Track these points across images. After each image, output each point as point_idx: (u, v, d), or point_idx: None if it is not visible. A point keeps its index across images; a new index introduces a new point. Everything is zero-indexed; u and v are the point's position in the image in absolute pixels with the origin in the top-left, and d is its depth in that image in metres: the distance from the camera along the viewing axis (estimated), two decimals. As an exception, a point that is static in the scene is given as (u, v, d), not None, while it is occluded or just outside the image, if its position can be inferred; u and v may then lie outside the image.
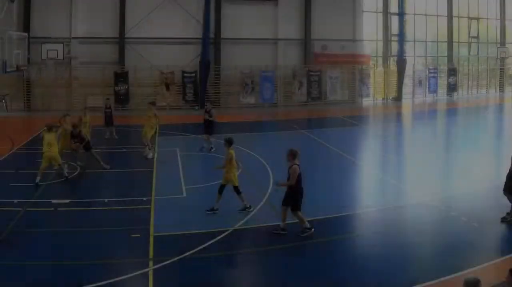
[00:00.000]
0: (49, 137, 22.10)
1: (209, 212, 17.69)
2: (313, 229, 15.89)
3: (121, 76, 47.32)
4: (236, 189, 17.98)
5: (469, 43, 61.81)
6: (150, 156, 26.34)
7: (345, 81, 53.58)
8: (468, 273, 12.42)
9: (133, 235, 15.80)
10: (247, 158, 25.09)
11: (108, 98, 35.77)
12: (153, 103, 28.85)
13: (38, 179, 21.46)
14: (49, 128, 22.51)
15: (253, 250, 15.35)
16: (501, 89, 64.42)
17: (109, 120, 32.49)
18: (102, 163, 24.61)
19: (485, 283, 9.05)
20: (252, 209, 17.91)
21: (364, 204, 19.79)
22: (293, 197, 15.96)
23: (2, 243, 15.10)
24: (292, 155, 16.18)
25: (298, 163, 16.07)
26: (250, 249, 15.54)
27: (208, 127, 28.55)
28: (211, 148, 28.04)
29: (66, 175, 22.61)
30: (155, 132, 28.78)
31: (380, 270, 13.54)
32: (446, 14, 59.66)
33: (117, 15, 47.61)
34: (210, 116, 27.97)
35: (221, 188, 17.92)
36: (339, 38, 53.15)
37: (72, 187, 21.81)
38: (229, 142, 18.36)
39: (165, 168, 24.69)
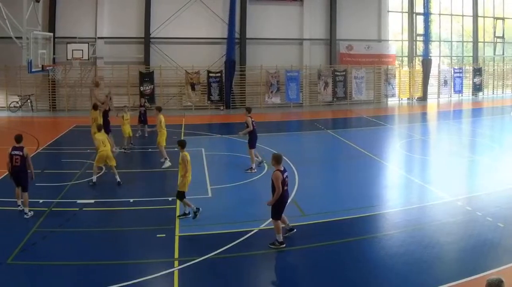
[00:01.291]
0: (101, 136, 21.59)
1: (181, 217, 17.04)
2: (284, 245, 14.94)
3: (146, 76, 46.01)
4: (180, 194, 16.99)
5: (495, 43, 59.37)
6: (166, 165, 24.56)
7: (371, 81, 51.89)
8: (492, 273, 12.21)
9: (158, 235, 15.55)
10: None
11: (142, 97, 35.07)
12: (158, 109, 26.72)
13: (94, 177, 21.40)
14: (99, 128, 22.42)
15: (277, 251, 14.74)
16: (526, 89, 61.65)
17: (143, 119, 31.47)
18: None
19: (509, 284, 8.84)
20: (194, 213, 16.96)
21: (390, 203, 19.13)
22: (277, 206, 14.83)
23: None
24: (275, 159, 15.03)
25: (281, 169, 14.83)
26: (275, 249, 14.82)
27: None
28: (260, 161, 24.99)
29: (118, 180, 21.49)
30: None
31: (405, 269, 13.29)
32: (471, 14, 57.48)
33: (143, 15, 46.36)
34: (247, 126, 24.36)
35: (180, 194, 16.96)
36: (364, 38, 51.69)
37: (97, 187, 21.06)
38: (181, 144, 17.29)
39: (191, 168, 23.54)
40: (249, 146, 23.97)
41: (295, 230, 15.78)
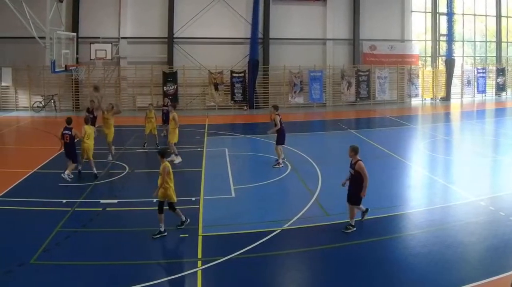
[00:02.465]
0: (89, 130, 22.03)
1: (157, 237, 15.17)
2: (355, 229, 15.54)
3: (169, 76, 44.73)
4: (172, 206, 15.54)
5: (518, 43, 57.03)
6: (177, 161, 23.99)
7: (394, 81, 50.22)
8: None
9: (181, 235, 15.26)
10: (296, 158, 24.67)
11: (166, 97, 34.03)
12: (173, 106, 26.11)
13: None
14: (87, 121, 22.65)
15: (301, 250, 14.50)
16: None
17: (166, 118, 30.04)
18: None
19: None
20: (188, 221, 16.02)
21: (413, 203, 18.60)
22: (358, 190, 15.42)
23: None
24: (353, 150, 15.73)
25: (360, 158, 15.52)
26: (298, 249, 14.61)
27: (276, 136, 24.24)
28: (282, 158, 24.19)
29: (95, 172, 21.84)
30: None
31: (429, 269, 12.92)
32: (495, 14, 55.56)
33: (166, 15, 45.15)
34: (275, 125, 23.70)
35: (161, 205, 15.33)
36: (387, 38, 50.14)
37: (120, 187, 20.71)
38: (161, 154, 15.82)
39: (214, 168, 23.56)
40: (276, 143, 23.58)
41: (369, 209, 16.26)
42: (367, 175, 15.19)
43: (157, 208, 15.37)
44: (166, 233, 15.33)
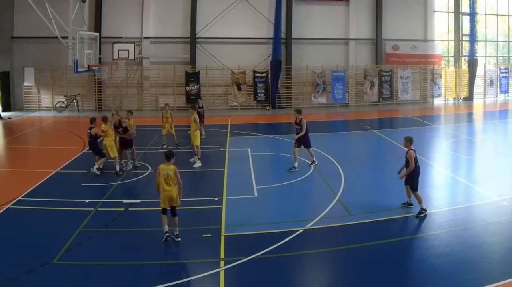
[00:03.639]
0: (106, 128, 21.78)
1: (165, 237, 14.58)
2: (427, 212, 16.16)
3: (192, 76, 43.53)
4: (174, 210, 14.62)
5: (541, 43, 55.19)
6: (197, 165, 23.11)
7: (417, 81, 48.59)
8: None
9: (204, 235, 14.92)
10: (318, 158, 23.65)
11: (200, 98, 33.12)
12: (193, 108, 24.51)
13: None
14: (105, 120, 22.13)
15: (323, 251, 14.17)
16: None
17: (200, 119, 28.77)
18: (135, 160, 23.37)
19: None
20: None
21: (436, 203, 17.87)
22: (412, 176, 16.40)
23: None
24: (409, 141, 16.61)
25: (413, 148, 16.54)
26: (321, 249, 14.26)
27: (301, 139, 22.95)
28: (313, 161, 23.22)
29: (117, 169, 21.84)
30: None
31: (451, 269, 12.59)
32: (517, 13, 53.35)
33: (189, 15, 43.93)
34: (302, 130, 22.45)
35: (164, 210, 14.55)
36: (410, 38, 48.37)
37: (143, 187, 20.22)
38: (168, 156, 14.88)
39: (237, 168, 23.06)
40: (306, 146, 22.69)
41: (413, 205, 16.82)
42: (413, 165, 16.22)
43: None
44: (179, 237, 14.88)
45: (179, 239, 14.43)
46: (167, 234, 14.35)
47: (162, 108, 28.63)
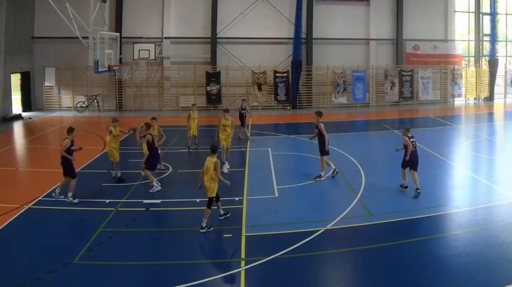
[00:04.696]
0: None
1: (221, 218, 15.88)
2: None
3: (213, 76, 42.50)
4: (212, 200, 15.28)
5: (561, 43, 53.62)
6: (225, 169, 21.89)
7: (437, 81, 47.26)
8: None
9: (225, 235, 14.78)
10: (339, 158, 23.63)
11: (244, 99, 31.80)
12: (227, 111, 23.04)
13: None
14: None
15: (344, 251, 13.96)
16: None
17: (242, 120, 28.92)
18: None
19: None
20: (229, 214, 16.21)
21: (456, 203, 17.72)
22: (411, 160, 18.17)
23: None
24: (406, 130, 18.48)
25: (409, 135, 18.16)
26: (341, 249, 14.06)
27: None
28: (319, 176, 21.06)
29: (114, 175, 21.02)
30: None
31: (472, 269, 12.38)
32: (538, 13, 51.86)
33: (209, 15, 43.02)
34: (321, 134, 20.54)
35: (211, 200, 15.26)
36: (430, 38, 47.03)
37: (163, 187, 19.51)
38: (212, 150, 15.57)
39: (257, 167, 22.67)
40: (321, 153, 20.65)
41: (408, 187, 18.30)
42: (410, 149, 18.08)
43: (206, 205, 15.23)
44: (228, 214, 15.98)
45: (203, 230, 14.77)
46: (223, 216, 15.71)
47: (189, 108, 27.55)
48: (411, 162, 18.19)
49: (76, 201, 17.50)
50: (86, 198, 17.91)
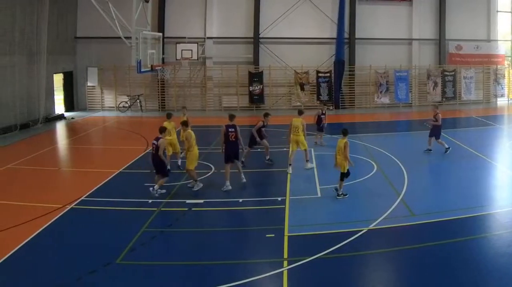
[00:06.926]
0: (169, 125, 20.65)
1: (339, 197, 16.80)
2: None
3: (255, 76, 40.50)
4: (344, 175, 16.87)
5: None
6: (290, 171, 20.91)
7: (480, 81, 44.55)
8: None
9: (267, 235, 14.08)
10: (382, 158, 23.22)
11: (325, 104, 30.95)
12: (300, 112, 22.00)
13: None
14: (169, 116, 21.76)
15: (386, 251, 13.27)
16: None
17: (321, 125, 27.11)
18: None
19: None
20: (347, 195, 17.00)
21: (499, 203, 16.94)
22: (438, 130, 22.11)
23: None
24: (436, 107, 23.37)
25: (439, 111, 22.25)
26: (384, 249, 13.37)
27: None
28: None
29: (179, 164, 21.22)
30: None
31: None
32: None
33: (252, 15, 41.09)
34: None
35: (343, 175, 16.83)
36: (473, 38, 44.42)
37: (206, 187, 18.98)
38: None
39: (300, 167, 21.62)
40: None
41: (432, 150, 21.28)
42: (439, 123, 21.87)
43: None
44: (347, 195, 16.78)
45: (339, 197, 16.61)
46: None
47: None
48: (439, 132, 22.64)
49: (157, 194, 17.31)
50: (129, 198, 17.43)
